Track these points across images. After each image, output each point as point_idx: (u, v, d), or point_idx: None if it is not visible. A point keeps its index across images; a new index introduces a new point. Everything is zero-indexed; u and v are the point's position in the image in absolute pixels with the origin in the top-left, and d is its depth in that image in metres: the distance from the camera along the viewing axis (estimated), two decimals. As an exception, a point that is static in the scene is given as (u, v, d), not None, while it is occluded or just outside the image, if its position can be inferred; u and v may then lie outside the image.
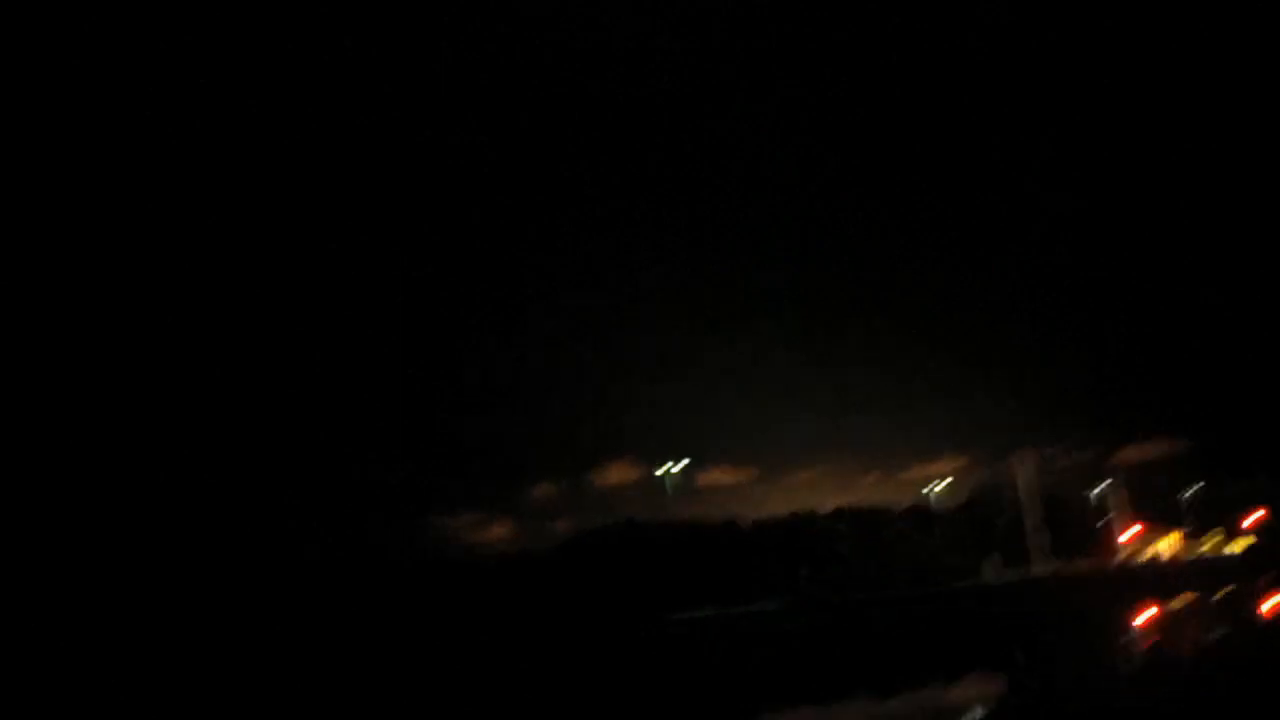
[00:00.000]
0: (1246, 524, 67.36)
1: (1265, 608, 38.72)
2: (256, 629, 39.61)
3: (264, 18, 61.13)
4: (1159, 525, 68.76)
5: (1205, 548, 68.27)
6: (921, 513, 66.94)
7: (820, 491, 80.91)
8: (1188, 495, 72.14)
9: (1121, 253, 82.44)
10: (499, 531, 70.51)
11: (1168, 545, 66.66)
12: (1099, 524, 68.14)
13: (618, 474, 73.27)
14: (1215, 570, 57.39)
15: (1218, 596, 45.82)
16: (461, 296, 78.78)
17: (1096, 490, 68.27)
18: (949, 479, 73.95)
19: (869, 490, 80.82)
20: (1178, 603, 44.49)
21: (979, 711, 17.44)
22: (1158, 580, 54.51)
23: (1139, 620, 39.02)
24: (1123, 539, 66.66)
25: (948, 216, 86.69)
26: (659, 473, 55.97)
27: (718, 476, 75.19)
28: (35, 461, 41.25)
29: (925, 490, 69.26)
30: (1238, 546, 66.24)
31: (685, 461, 56.00)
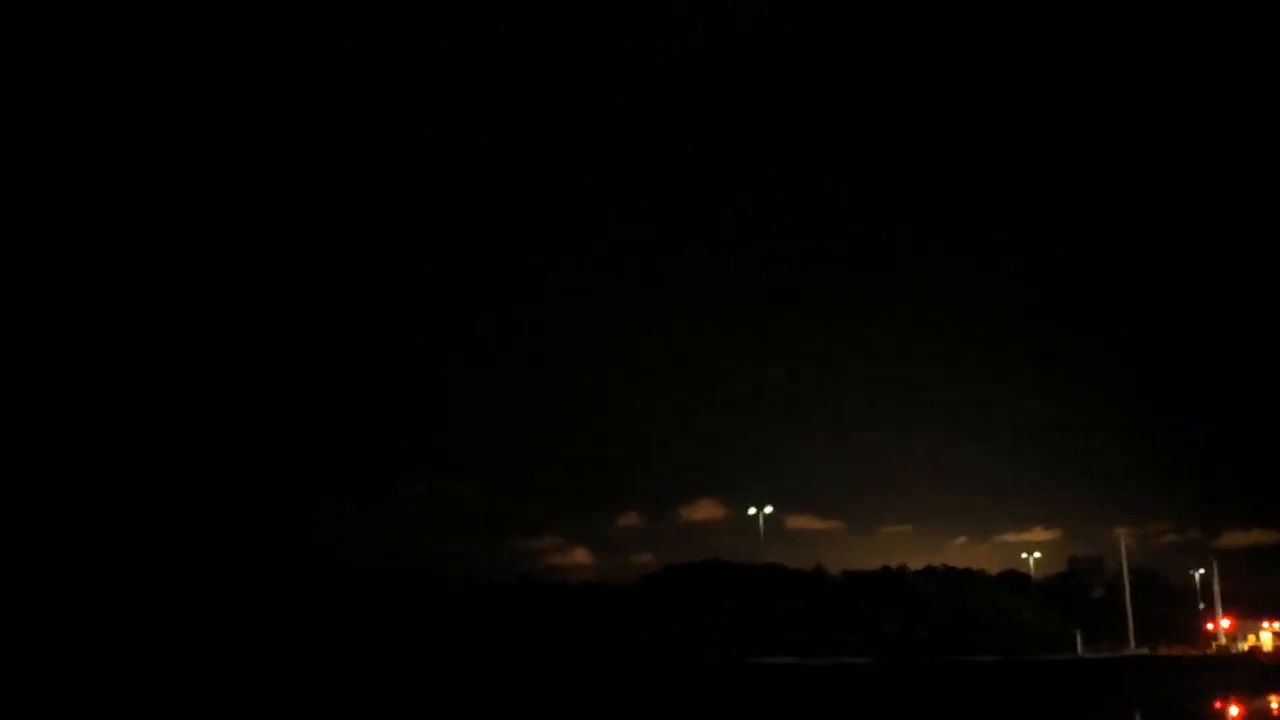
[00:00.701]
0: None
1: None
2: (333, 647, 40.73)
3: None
4: (1260, 615, 66.55)
5: (1311, 642, 65.81)
6: (1016, 579, 65.99)
7: (909, 548, 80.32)
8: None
9: (1245, 345, 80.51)
10: (581, 558, 71.31)
11: (1270, 637, 64.47)
12: (1198, 608, 66.26)
13: (705, 510, 73.58)
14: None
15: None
16: (561, 323, 79.40)
17: (1197, 573, 66.49)
18: (1044, 547, 72.84)
19: (958, 552, 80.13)
20: (1275, 700, 43.09)
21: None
22: (1255, 673, 52.83)
23: (1231, 713, 37.92)
24: (1222, 626, 64.68)
25: (1066, 294, 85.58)
26: (751, 512, 55.98)
27: (806, 522, 75.12)
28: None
29: (1023, 556, 68.33)
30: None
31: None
